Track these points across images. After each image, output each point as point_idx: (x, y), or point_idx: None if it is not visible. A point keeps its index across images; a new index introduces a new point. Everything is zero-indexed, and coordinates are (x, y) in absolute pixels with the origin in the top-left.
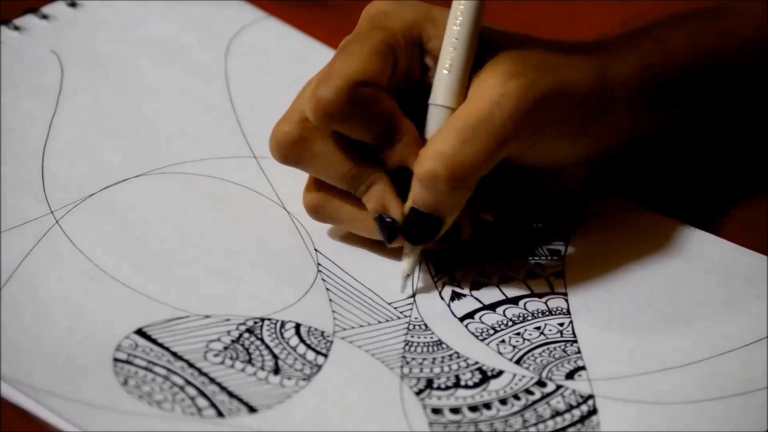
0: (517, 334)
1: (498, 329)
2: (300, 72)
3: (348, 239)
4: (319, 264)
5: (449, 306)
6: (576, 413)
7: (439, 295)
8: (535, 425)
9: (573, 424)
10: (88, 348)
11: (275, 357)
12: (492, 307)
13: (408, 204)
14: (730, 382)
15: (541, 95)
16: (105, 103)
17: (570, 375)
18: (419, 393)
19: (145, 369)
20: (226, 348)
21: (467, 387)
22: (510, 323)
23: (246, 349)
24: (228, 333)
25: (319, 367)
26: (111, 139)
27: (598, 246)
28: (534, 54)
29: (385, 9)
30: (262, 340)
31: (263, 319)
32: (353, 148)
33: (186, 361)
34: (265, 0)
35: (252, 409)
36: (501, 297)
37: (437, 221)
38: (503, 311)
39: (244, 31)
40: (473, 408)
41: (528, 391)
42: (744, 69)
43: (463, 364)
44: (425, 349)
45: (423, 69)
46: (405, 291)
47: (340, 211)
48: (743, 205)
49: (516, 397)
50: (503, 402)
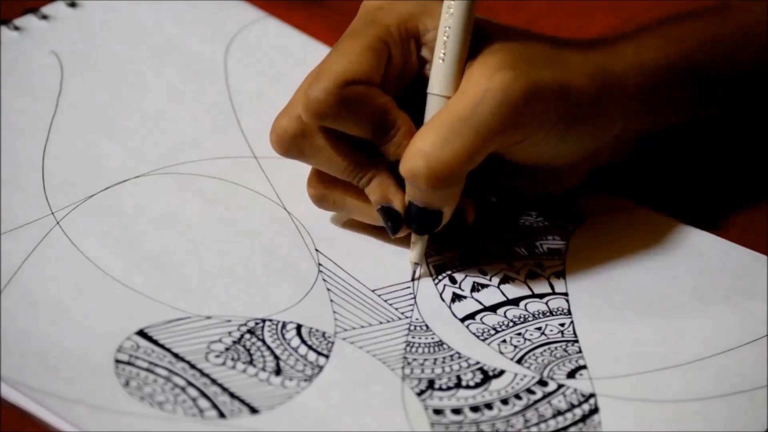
0: (518, 334)
1: (499, 330)
2: (300, 72)
3: (349, 238)
4: (320, 264)
5: (450, 308)
6: (577, 412)
7: (440, 297)
8: (537, 424)
9: (575, 423)
10: (89, 349)
11: (277, 358)
12: (493, 309)
13: (406, 198)
14: (731, 380)
15: (529, 89)
16: (105, 104)
17: (571, 374)
18: (421, 393)
19: (147, 370)
20: (227, 349)
21: (469, 387)
22: (511, 324)
23: (247, 350)
24: (229, 334)
25: (321, 368)
26: (111, 140)
27: (598, 246)
28: (528, 48)
29: (381, 3)
30: (263, 341)
31: (264, 320)
32: (353, 141)
33: (187, 362)
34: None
35: (254, 410)
36: (502, 298)
37: (436, 213)
38: (504, 312)
39: (244, 31)
40: (475, 408)
41: (529, 391)
42: (745, 67)
43: (464, 364)
44: (426, 350)
45: (421, 62)
46: (416, 279)
47: (344, 201)
48: (743, 205)
49: (517, 397)
50: (505, 402)
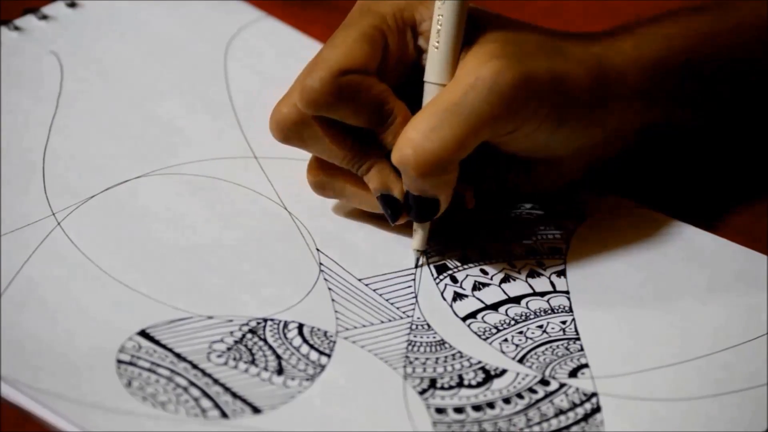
0: (520, 332)
1: (500, 328)
2: (300, 72)
3: (350, 237)
4: (321, 264)
5: (451, 306)
6: (580, 411)
7: (441, 296)
8: (539, 424)
9: (577, 422)
10: (91, 349)
11: (278, 357)
12: (494, 307)
13: (404, 186)
14: (731, 379)
15: (521, 78)
16: (105, 104)
17: (573, 373)
18: (423, 393)
19: (149, 370)
20: (229, 349)
21: (470, 386)
22: (512, 322)
23: (249, 350)
24: (231, 334)
25: (323, 368)
26: (111, 140)
27: (599, 244)
28: (523, 38)
29: None
30: (265, 340)
31: (266, 320)
32: (352, 129)
33: (189, 362)
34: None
35: (256, 410)
36: (503, 296)
37: (432, 201)
38: (505, 311)
39: (243, 31)
40: (477, 407)
41: (531, 390)
42: (746, 63)
43: (466, 363)
44: (428, 349)
45: (418, 51)
46: (419, 266)
47: (343, 189)
48: (744, 205)
49: (519, 396)
50: (507, 401)
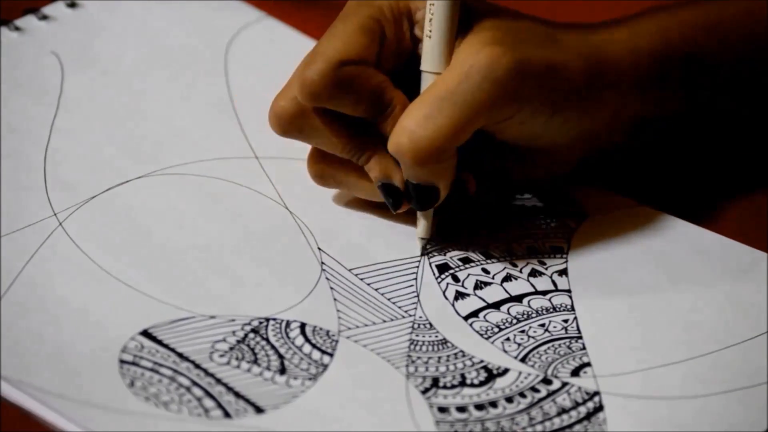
0: (522, 331)
1: (502, 327)
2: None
3: (351, 236)
4: (323, 263)
5: (453, 305)
6: (582, 410)
7: (443, 295)
8: (542, 422)
9: (579, 421)
10: (93, 350)
11: (281, 357)
12: (496, 306)
13: (403, 175)
14: (732, 377)
15: (515, 66)
16: (105, 105)
17: (575, 372)
18: (425, 392)
19: (151, 370)
20: (231, 348)
21: (473, 386)
22: (514, 321)
23: (251, 350)
24: (233, 333)
25: (325, 367)
26: (112, 141)
27: (600, 243)
28: (519, 26)
29: None
30: (267, 340)
31: (268, 319)
32: (352, 119)
33: (192, 362)
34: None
35: (259, 410)
36: (505, 295)
37: (432, 189)
38: (507, 309)
39: (243, 31)
40: (479, 406)
41: (534, 389)
42: (744, 55)
43: (469, 362)
44: (430, 348)
45: (414, 40)
46: (425, 254)
47: (343, 179)
48: (744, 203)
49: (522, 395)
50: (509, 400)
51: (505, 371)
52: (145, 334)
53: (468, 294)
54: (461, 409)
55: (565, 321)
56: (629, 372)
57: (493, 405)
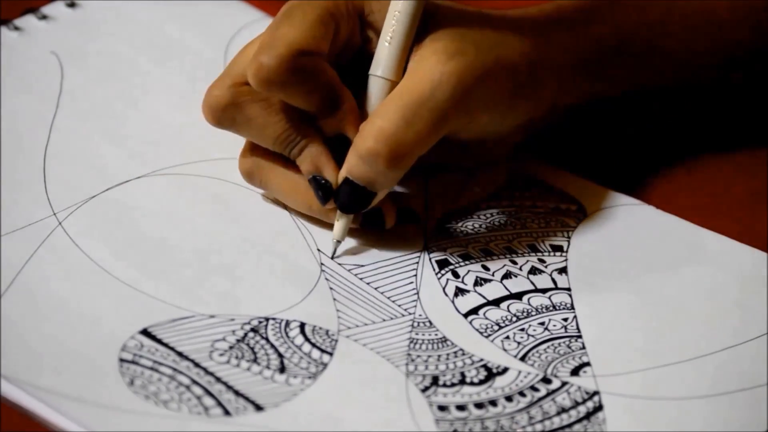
0: (522, 329)
1: (502, 325)
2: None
3: (351, 237)
4: (323, 264)
5: (453, 302)
6: (582, 410)
7: (443, 292)
8: (541, 422)
9: (579, 420)
10: (93, 349)
11: (280, 356)
12: (496, 303)
13: (342, 173)
14: (733, 377)
15: (480, 74)
16: (105, 104)
17: (575, 371)
18: (425, 390)
19: (151, 369)
20: (231, 347)
21: (473, 384)
22: (514, 319)
23: (251, 348)
24: (233, 332)
25: (325, 366)
26: (112, 141)
27: (600, 242)
28: (473, 31)
29: None
30: (267, 339)
31: (268, 319)
32: (286, 111)
33: (192, 361)
34: (265, 0)
35: (258, 408)
36: (505, 292)
37: (369, 194)
38: (507, 306)
39: (243, 31)
40: (479, 405)
41: (533, 388)
42: (683, 41)
43: (468, 361)
44: (430, 346)
45: (363, 40)
46: (335, 257)
47: (273, 176)
48: (744, 203)
49: (521, 394)
50: (509, 399)
51: (505, 370)
52: (145, 333)
53: (468, 290)
54: (461, 408)
55: (565, 320)
56: (629, 372)
57: (493, 404)
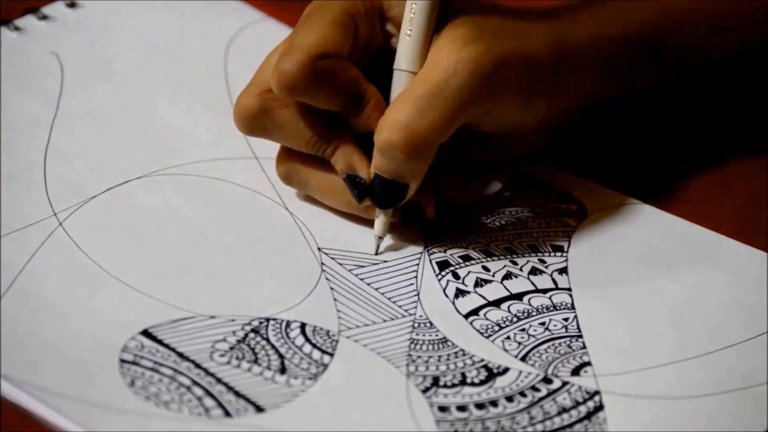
0: (522, 330)
1: (503, 325)
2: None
3: (351, 237)
4: (323, 264)
5: (453, 303)
6: (582, 409)
7: (444, 293)
8: (542, 422)
9: (580, 420)
10: (93, 349)
11: (281, 356)
12: (496, 303)
13: (372, 170)
14: (733, 377)
15: (497, 60)
16: (105, 105)
17: (576, 371)
18: (425, 391)
19: (152, 370)
20: (231, 348)
21: (473, 384)
22: (515, 319)
23: (252, 349)
24: (233, 333)
25: (326, 366)
26: (112, 141)
27: (600, 241)
28: (491, 20)
29: None
30: (267, 339)
31: (268, 319)
32: (316, 114)
33: (192, 362)
34: (264, 0)
35: (259, 409)
36: (505, 293)
37: (402, 186)
38: (507, 307)
39: (243, 32)
40: (480, 405)
41: (534, 388)
42: (705, 41)
43: (469, 361)
44: (431, 347)
45: (385, 36)
46: (378, 253)
47: (310, 177)
48: (744, 203)
49: (522, 394)
50: (510, 399)
51: (506, 370)
52: (146, 333)
53: (468, 291)
54: (462, 408)
55: (566, 319)
56: (629, 371)
57: (494, 404)
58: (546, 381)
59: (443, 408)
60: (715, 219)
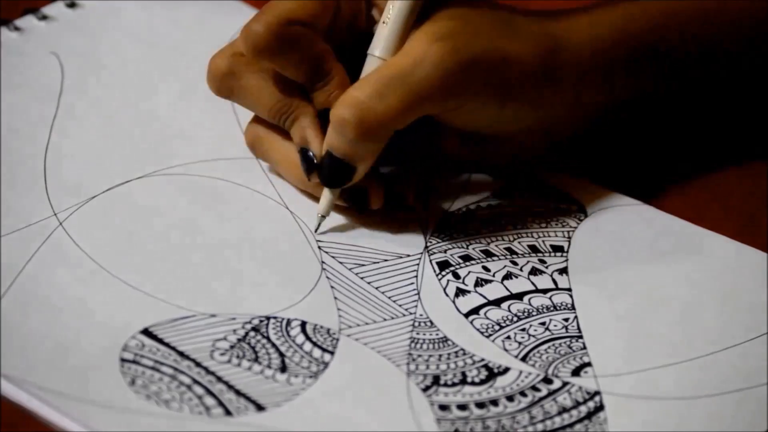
0: (522, 329)
1: (503, 325)
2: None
3: (351, 236)
4: (323, 262)
5: (454, 302)
6: (583, 410)
7: (444, 292)
8: (542, 422)
9: (580, 420)
10: (94, 348)
11: (282, 355)
12: (497, 303)
13: (324, 146)
14: (733, 377)
15: (467, 60)
16: (106, 105)
17: (576, 371)
18: (426, 390)
19: (152, 368)
20: (232, 347)
21: (474, 384)
22: (515, 319)
23: (252, 348)
24: (234, 332)
25: (326, 365)
26: (113, 141)
27: (600, 242)
28: (475, 18)
29: None
30: (268, 338)
31: (269, 318)
32: (283, 83)
33: (193, 361)
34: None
35: (260, 407)
36: (505, 293)
37: (349, 168)
38: (508, 307)
39: None
40: (480, 404)
41: (534, 388)
42: (712, 42)
43: (469, 361)
44: (431, 346)
45: (369, 21)
46: (318, 232)
47: (271, 148)
48: (743, 203)
49: (523, 394)
50: (510, 399)
51: (506, 370)
52: (146, 332)
53: (468, 291)
54: (462, 407)
55: (566, 320)
56: (629, 372)
57: (494, 403)
58: (546, 381)
59: (444, 407)
60: (715, 219)
